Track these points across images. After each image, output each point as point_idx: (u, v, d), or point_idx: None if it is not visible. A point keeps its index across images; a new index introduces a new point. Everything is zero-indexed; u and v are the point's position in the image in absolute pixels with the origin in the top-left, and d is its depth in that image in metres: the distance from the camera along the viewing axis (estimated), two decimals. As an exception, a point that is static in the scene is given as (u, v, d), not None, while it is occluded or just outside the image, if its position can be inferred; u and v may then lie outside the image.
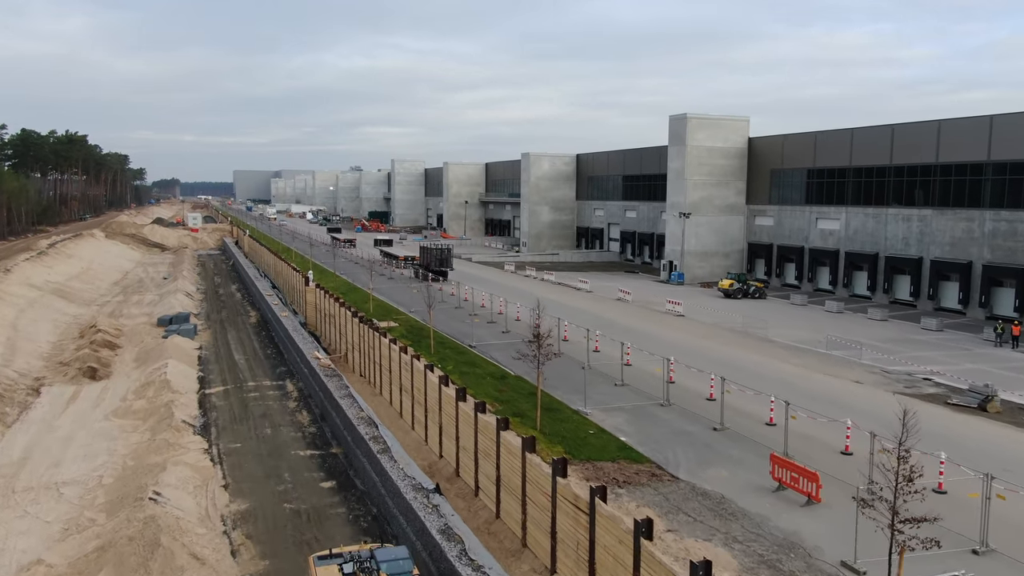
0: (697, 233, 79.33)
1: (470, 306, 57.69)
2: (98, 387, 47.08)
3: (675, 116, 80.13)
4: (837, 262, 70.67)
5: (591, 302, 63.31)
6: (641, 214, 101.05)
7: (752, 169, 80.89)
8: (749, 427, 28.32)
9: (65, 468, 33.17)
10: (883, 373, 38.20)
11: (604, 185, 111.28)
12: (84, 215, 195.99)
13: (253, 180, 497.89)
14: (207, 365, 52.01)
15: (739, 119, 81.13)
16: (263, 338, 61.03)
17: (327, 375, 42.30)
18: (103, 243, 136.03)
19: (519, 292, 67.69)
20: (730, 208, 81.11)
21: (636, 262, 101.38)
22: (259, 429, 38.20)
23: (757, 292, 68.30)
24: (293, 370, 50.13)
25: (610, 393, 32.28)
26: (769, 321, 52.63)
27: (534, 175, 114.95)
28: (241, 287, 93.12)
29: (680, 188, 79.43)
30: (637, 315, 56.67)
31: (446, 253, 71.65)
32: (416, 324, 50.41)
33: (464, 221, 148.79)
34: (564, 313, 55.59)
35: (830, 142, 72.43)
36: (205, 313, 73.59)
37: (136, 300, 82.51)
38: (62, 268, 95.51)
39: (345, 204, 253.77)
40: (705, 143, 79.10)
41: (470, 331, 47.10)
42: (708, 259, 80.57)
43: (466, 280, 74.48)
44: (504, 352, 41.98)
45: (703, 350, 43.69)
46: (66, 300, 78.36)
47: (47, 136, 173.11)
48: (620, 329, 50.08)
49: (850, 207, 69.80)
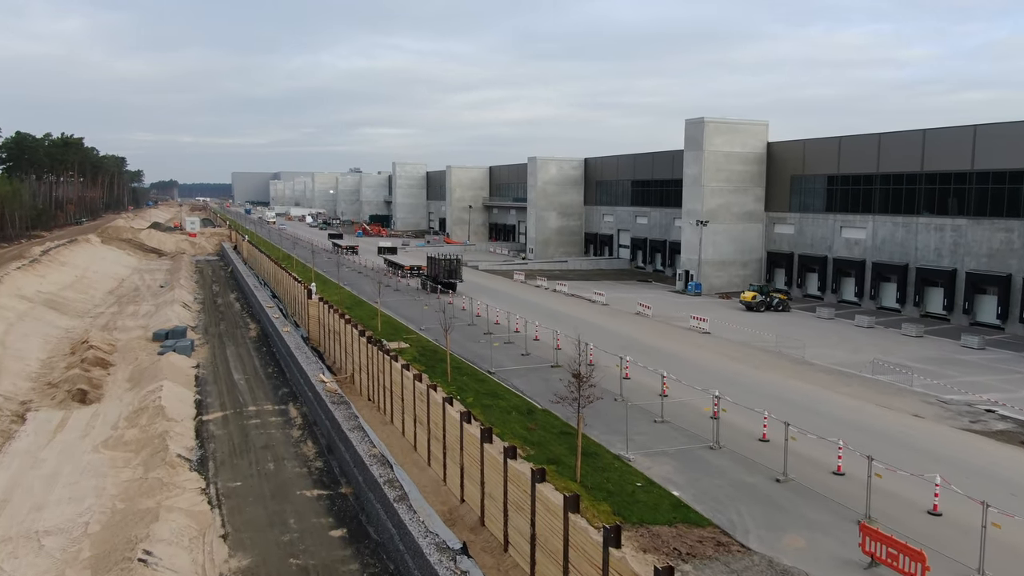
0: (714, 241, 76.32)
1: (483, 323, 54.62)
2: (88, 412, 44.04)
3: (691, 120, 77.13)
4: (863, 273, 67.64)
5: (609, 317, 60.24)
6: (653, 220, 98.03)
7: (771, 175, 77.89)
8: (816, 477, 25.11)
9: (48, 513, 30.12)
10: (940, 404, 35.16)
11: (613, 190, 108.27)
12: (80, 219, 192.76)
13: (252, 182, 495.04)
14: (205, 386, 48.98)
15: (757, 123, 78.13)
16: (264, 355, 58.00)
17: (334, 402, 39.30)
18: (99, 249, 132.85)
19: (533, 306, 64.67)
20: (748, 216, 78.11)
21: (648, 270, 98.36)
22: (261, 463, 35.17)
23: (780, 304, 65.30)
24: (296, 392, 47.12)
25: (651, 432, 29.16)
26: (800, 338, 49.66)
27: (541, 179, 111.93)
28: (240, 296, 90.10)
29: (697, 195, 76.41)
30: (660, 332, 53.61)
31: (455, 264, 68.55)
32: (429, 345, 47.30)
33: (468, 226, 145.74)
34: (583, 331, 52.42)
35: (855, 147, 69.43)
36: (203, 326, 70.56)
37: (131, 311, 79.47)
38: (55, 277, 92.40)
39: (345, 207, 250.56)
40: (723, 148, 76.09)
41: (487, 353, 43.98)
42: (726, 268, 77.56)
43: (475, 291, 71.45)
44: (527, 380, 38.91)
45: (739, 376, 40.63)
46: (58, 312, 75.26)
47: (42, 139, 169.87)
48: (645, 349, 47.05)
49: (877, 215, 66.79)
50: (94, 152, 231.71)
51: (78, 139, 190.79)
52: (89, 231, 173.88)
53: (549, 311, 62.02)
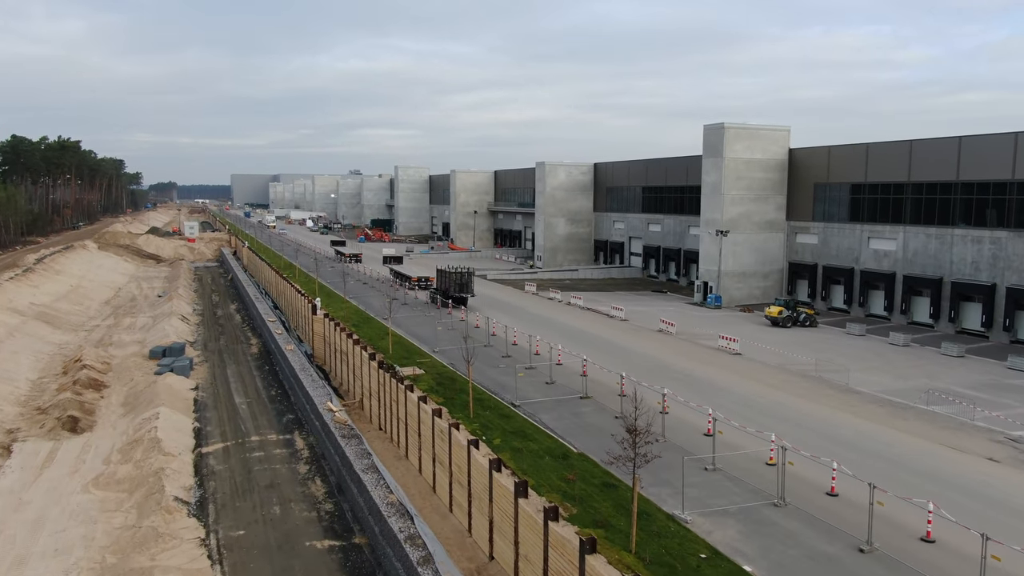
0: (735, 252, 73.35)
1: (500, 343, 51.51)
2: (79, 443, 41.04)
3: (711, 126, 74.17)
4: (893, 286, 64.65)
5: (631, 335, 57.17)
6: (666, 228, 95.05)
7: (793, 183, 74.94)
8: (906, 546, 21.80)
9: (31, 569, 27.14)
10: (1011, 443, 32.16)
11: (624, 196, 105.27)
12: (77, 223, 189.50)
13: (251, 184, 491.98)
14: (204, 411, 45.98)
15: (779, 128, 75.16)
16: (266, 374, 55.02)
17: (344, 435, 36.29)
18: (95, 255, 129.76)
19: (549, 323, 61.64)
20: (769, 225, 75.13)
21: (661, 279, 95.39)
22: (266, 507, 32.16)
23: (807, 320, 62.31)
24: (302, 418, 44.13)
25: (704, 484, 25.98)
26: (839, 361, 46.69)
27: (550, 185, 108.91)
28: (241, 307, 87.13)
29: (716, 203, 73.44)
30: (688, 354, 50.51)
31: (466, 277, 65.43)
32: (445, 371, 44.16)
33: (473, 232, 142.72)
34: (605, 352, 49.50)
35: (884, 154, 66.45)
36: (202, 341, 67.58)
37: (128, 324, 76.48)
38: (49, 287, 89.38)
39: (346, 211, 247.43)
40: (743, 155, 73.14)
41: (508, 382, 40.85)
42: (746, 280, 74.59)
43: (487, 305, 68.47)
44: (556, 414, 35.76)
45: (783, 408, 37.54)
46: (51, 326, 72.23)
47: (38, 143, 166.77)
48: (677, 375, 44.00)
49: (908, 226, 63.82)
50: (92, 155, 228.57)
51: (75, 142, 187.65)
52: (86, 236, 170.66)
53: (567, 329, 59.02)
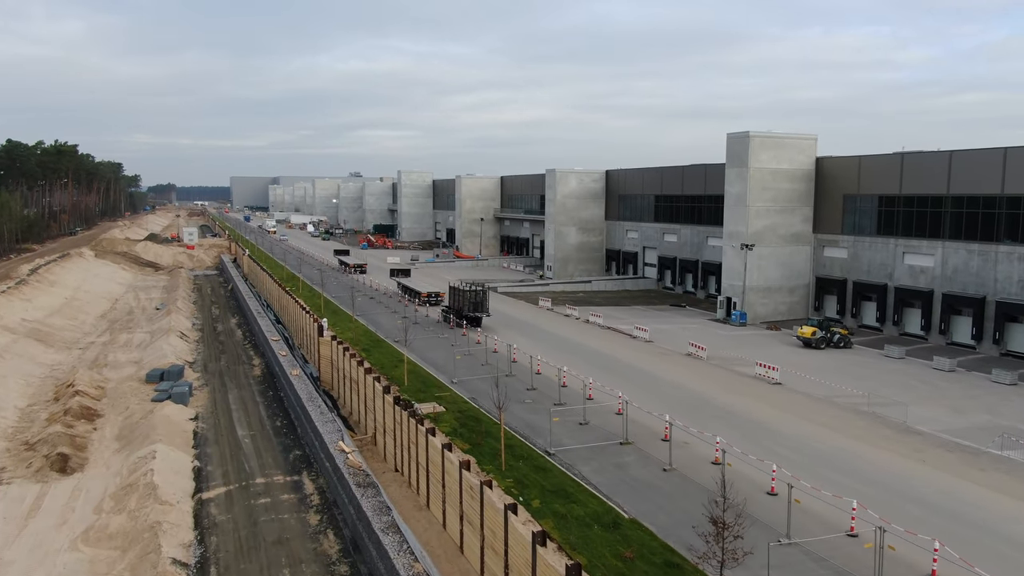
0: (759, 266, 70.03)
1: (523, 372, 48.08)
2: (69, 486, 37.68)
3: (735, 135, 70.88)
4: (931, 304, 61.36)
5: (659, 360, 53.73)
6: (683, 238, 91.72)
7: (821, 194, 71.64)
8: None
9: (7, 654, 23.82)
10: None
11: (638, 205, 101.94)
12: (74, 229, 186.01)
13: (250, 186, 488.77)
14: (204, 446, 42.63)
15: (806, 137, 71.88)
16: (270, 400, 51.67)
17: (359, 484, 32.96)
18: (92, 264, 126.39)
19: (570, 345, 58.29)
20: (796, 238, 71.82)
21: (677, 291, 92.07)
22: (274, 568, 28.84)
23: (842, 340, 58.99)
24: (310, 455, 40.80)
25: (786, 564, 22.50)
26: (883, 390, 43.41)
27: (560, 193, 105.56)
28: (242, 321, 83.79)
29: (741, 215, 70.12)
30: (725, 384, 47.00)
31: (481, 295, 61.99)
32: (468, 409, 40.65)
33: (479, 239, 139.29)
34: (635, 383, 45.99)
35: (921, 165, 63.17)
36: (202, 361, 64.25)
37: (124, 340, 73.12)
38: (43, 301, 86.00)
39: (347, 215, 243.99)
40: (769, 164, 69.83)
41: (538, 422, 37.36)
42: (771, 295, 71.28)
43: (501, 323, 65.17)
44: (597, 466, 32.17)
45: (843, 455, 33.89)
46: (44, 344, 68.86)
47: (34, 147, 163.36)
48: (718, 412, 40.61)
49: (948, 241, 60.54)
50: (89, 159, 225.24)
51: (72, 146, 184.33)
52: (83, 243, 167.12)
53: (590, 353, 55.66)
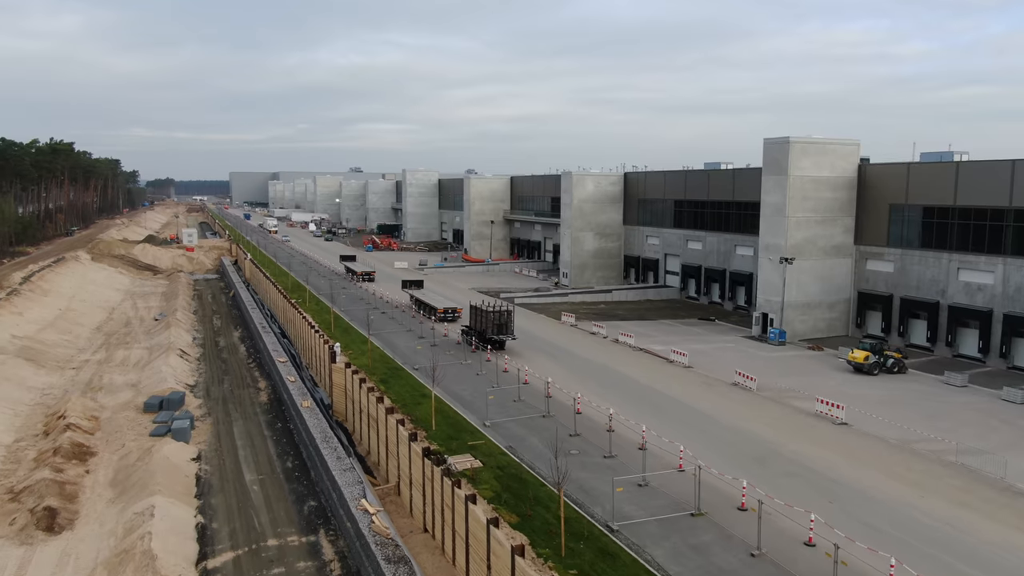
0: (799, 280, 65.59)
1: (561, 409, 43.52)
2: (56, 549, 33.37)
3: (773, 140, 66.33)
4: (990, 325, 56.98)
5: (705, 393, 49.04)
6: (709, 246, 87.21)
7: (864, 203, 67.14)
8: None
9: None
10: None
11: (659, 209, 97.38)
12: (71, 229, 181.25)
13: (250, 182, 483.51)
14: (208, 496, 38.28)
15: (848, 142, 67.33)
16: (279, 434, 47.31)
17: (388, 558, 28.62)
18: (88, 268, 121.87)
19: (605, 374, 53.78)
20: (836, 250, 67.35)
21: (702, 302, 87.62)
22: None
23: (896, 365, 54.61)
24: (327, 507, 36.50)
25: None
26: (961, 429, 39.04)
27: (576, 197, 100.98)
28: (245, 334, 79.41)
29: (779, 227, 65.62)
30: (788, 426, 42.01)
31: (505, 316, 57.35)
32: (508, 463, 35.77)
33: (489, 242, 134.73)
34: (686, 424, 41.32)
35: (979, 175, 58.68)
36: (204, 384, 59.91)
37: (121, 358, 68.74)
38: (35, 313, 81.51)
39: (350, 213, 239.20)
40: (809, 172, 65.32)
41: (590, 483, 32.43)
42: (810, 311, 66.85)
43: (524, 343, 60.73)
44: (669, 547, 27.14)
45: (950, 529, 29.43)
46: (35, 364, 64.39)
47: (28, 146, 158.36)
48: (790, 466, 36.10)
49: (1010, 258, 56.10)
50: (86, 156, 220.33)
51: (67, 144, 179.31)
52: (80, 244, 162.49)
53: (627, 383, 51.15)
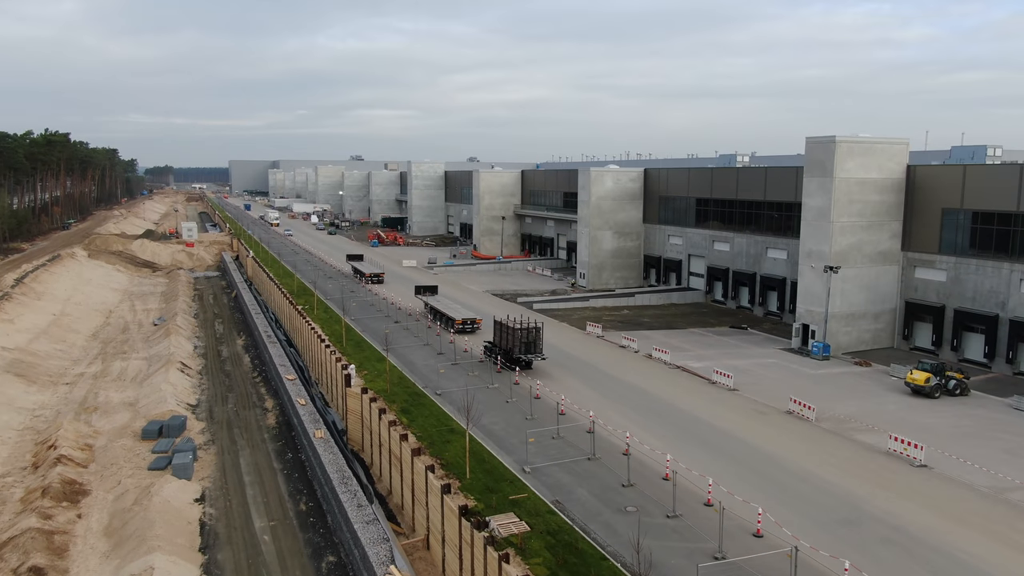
0: (843, 290, 61.20)
1: (607, 450, 39.15)
2: (41, 623, 29.25)
3: (817, 139, 61.72)
4: (1057, 342, 52.74)
5: (759, 424, 44.39)
6: (737, 248, 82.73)
7: (912, 207, 62.64)
8: None
9: None
10: None
11: (681, 207, 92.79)
12: (67, 222, 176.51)
13: (250, 170, 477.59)
14: (214, 549, 34.13)
15: (897, 141, 62.73)
16: (290, 467, 43.15)
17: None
18: (84, 267, 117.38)
19: (643, 398, 49.44)
20: (883, 257, 62.91)
21: (729, 306, 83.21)
22: None
23: (958, 387, 50.31)
24: (347, 564, 32.37)
25: None
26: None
27: (595, 194, 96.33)
28: (249, 342, 75.20)
29: (823, 232, 61.13)
30: (864, 471, 37.10)
31: (534, 334, 52.79)
32: (560, 527, 30.78)
33: (500, 238, 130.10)
34: (746, 466, 36.64)
35: (1045, 179, 54.23)
36: (206, 403, 55.75)
37: (118, 371, 64.54)
38: (28, 320, 77.09)
39: (352, 204, 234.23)
40: (856, 174, 60.78)
41: (659, 554, 28.41)
42: (854, 322, 62.49)
43: (552, 359, 56.37)
44: None
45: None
46: (25, 380, 60.12)
47: (22, 137, 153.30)
48: (883, 530, 31.74)
49: (1082, 270, 51.80)
50: (83, 146, 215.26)
51: (63, 135, 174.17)
52: (76, 238, 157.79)
53: (671, 412, 46.70)
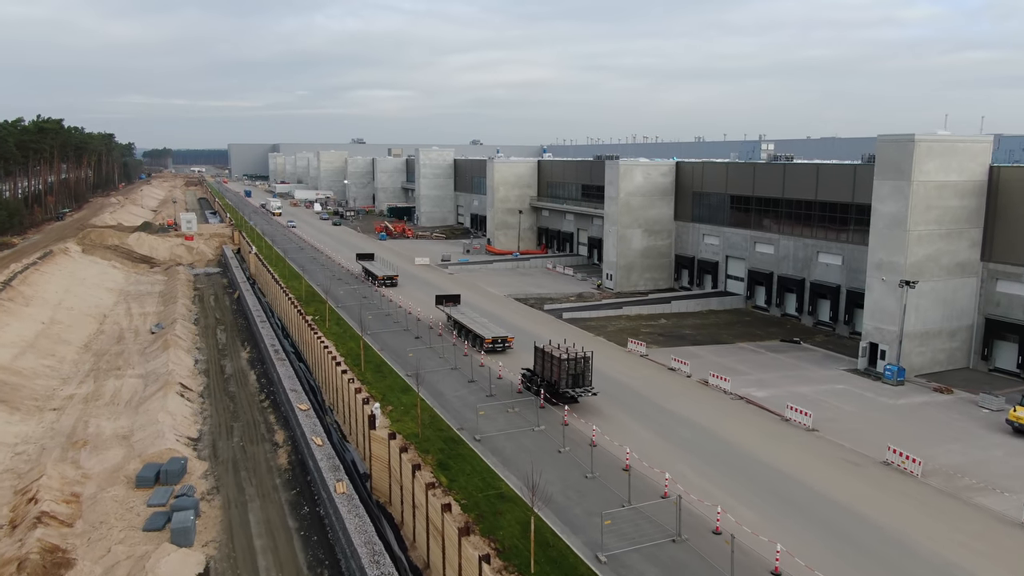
0: (917, 305, 54.90)
1: (693, 527, 32.94)
2: None
3: (890, 137, 55.17)
4: None
5: (852, 478, 37.82)
6: (782, 251, 76.26)
7: (995, 212, 56.19)
8: None
9: None
10: None
11: (717, 204, 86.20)
12: (62, 212, 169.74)
13: (249, 154, 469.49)
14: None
15: (979, 140, 56.17)
16: (307, 527, 37.28)
17: None
18: (78, 263, 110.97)
19: (709, 440, 43.18)
20: (960, 268, 56.56)
21: (773, 313, 76.87)
22: None
23: (1066, 426, 44.12)
24: None
25: None
26: None
27: (624, 190, 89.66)
28: (254, 355, 69.26)
29: (898, 242, 54.71)
30: (1000, 556, 31.14)
31: (583, 365, 46.14)
32: None
33: (517, 232, 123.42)
34: (846, 539, 29.83)
35: None
36: (209, 437, 49.75)
37: (111, 393, 58.49)
38: (14, 331, 70.80)
39: (356, 191, 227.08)
40: (935, 176, 54.27)
41: None
42: (929, 341, 56.24)
43: (597, 388, 50.14)
44: None
45: None
46: (8, 407, 53.98)
47: (12, 125, 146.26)
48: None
49: None
50: (78, 131, 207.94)
51: (56, 121, 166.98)
52: (71, 230, 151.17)
53: (745, 460, 40.37)
